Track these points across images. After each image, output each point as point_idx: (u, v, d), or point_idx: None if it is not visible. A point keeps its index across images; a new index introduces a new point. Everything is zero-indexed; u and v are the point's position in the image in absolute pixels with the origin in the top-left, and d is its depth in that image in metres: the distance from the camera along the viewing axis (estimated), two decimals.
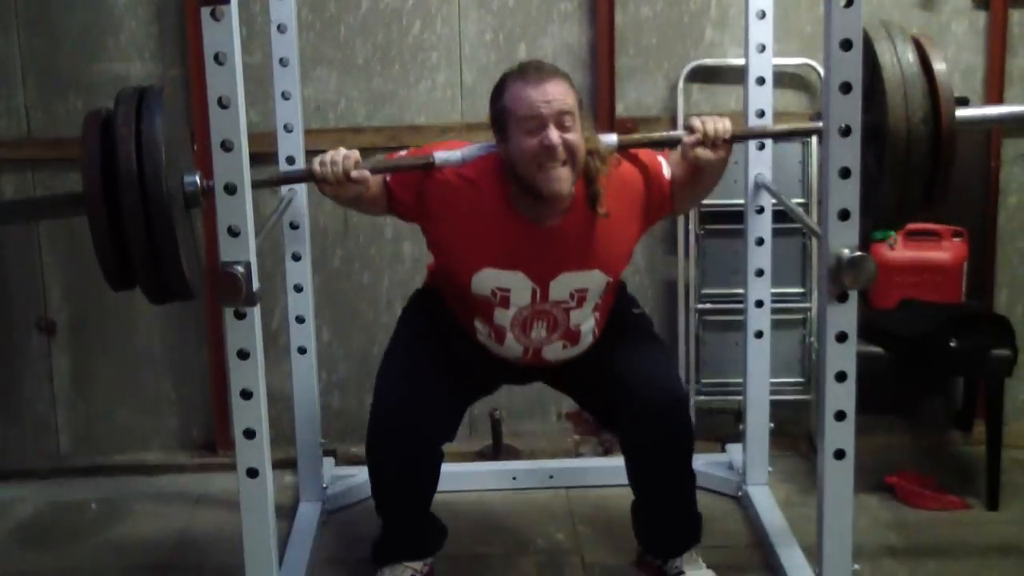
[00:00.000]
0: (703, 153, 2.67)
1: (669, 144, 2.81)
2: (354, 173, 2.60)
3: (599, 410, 3.14)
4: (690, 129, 2.69)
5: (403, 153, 2.90)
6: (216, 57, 2.19)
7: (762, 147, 3.24)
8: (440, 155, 2.73)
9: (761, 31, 3.17)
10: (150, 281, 2.34)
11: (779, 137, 3.30)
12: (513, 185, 2.68)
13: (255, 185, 2.39)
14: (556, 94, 2.57)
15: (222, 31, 2.19)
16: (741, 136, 2.85)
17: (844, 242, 2.33)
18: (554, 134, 2.54)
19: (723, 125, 2.67)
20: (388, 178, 2.78)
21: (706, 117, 2.69)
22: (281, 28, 3.15)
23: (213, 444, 4.00)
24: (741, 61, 3.30)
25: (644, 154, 2.84)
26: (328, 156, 2.61)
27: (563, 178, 2.59)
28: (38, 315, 3.96)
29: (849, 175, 2.29)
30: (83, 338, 4.00)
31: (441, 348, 2.92)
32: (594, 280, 2.78)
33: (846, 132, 2.28)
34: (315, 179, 2.63)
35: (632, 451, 2.99)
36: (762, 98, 3.22)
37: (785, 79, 3.81)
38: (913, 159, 2.41)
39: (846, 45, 2.24)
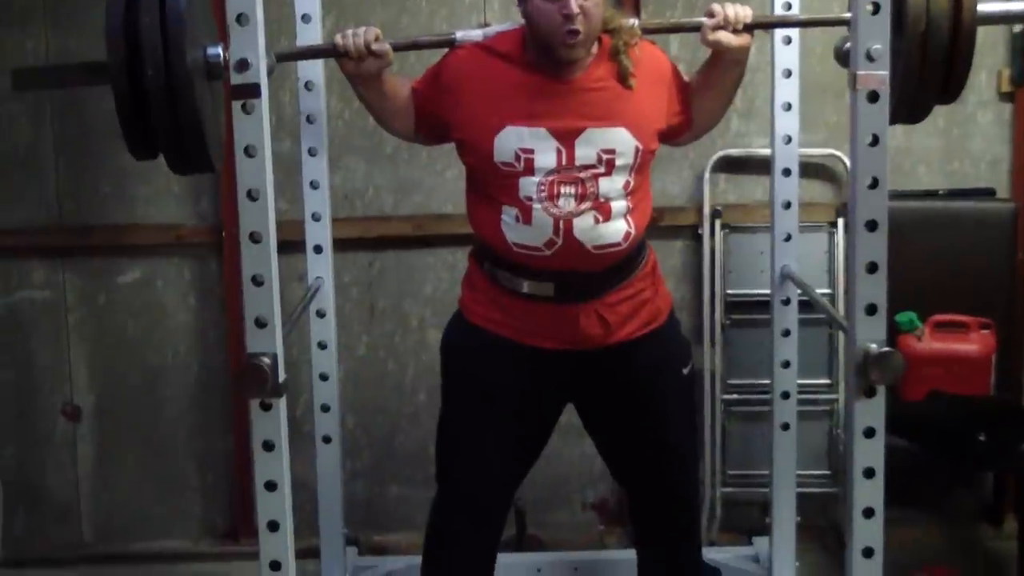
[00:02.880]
0: (724, 36, 2.65)
1: (689, 29, 2.78)
2: (375, 45, 2.62)
3: (615, 472, 3.11)
4: (710, 14, 2.67)
5: None
6: (247, 150, 2.20)
7: (788, 239, 3.23)
8: (461, 33, 2.76)
9: (787, 122, 3.18)
10: (172, 149, 2.30)
11: (801, 26, 3.16)
12: (532, 45, 2.64)
13: (280, 58, 2.57)
14: None
15: (253, 124, 2.19)
16: (763, 24, 2.83)
17: (871, 337, 2.30)
18: (573, 3, 2.50)
19: (744, 11, 2.66)
20: (414, 84, 2.80)
21: (726, 3, 2.68)
22: (310, 119, 3.17)
23: (235, 532, 3.99)
24: (767, 151, 3.31)
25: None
26: (350, 29, 2.65)
27: (579, 44, 2.56)
28: (63, 401, 3.97)
29: (876, 270, 2.28)
30: (108, 424, 4.01)
31: (490, 399, 2.82)
32: (621, 141, 2.64)
33: (872, 227, 2.27)
34: (337, 52, 2.66)
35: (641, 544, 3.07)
36: (788, 189, 3.22)
37: (811, 169, 3.83)
38: (932, 46, 2.38)
39: (873, 141, 2.24)
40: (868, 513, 2.38)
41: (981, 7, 2.42)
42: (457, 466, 2.85)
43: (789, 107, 3.17)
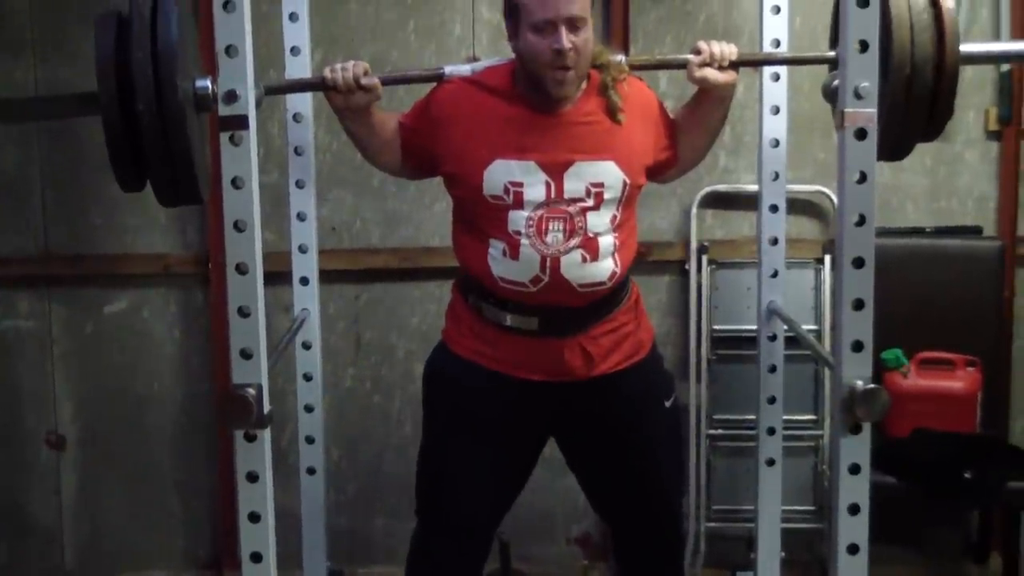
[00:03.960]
0: (711, 74, 2.68)
1: (676, 66, 2.80)
2: (364, 79, 2.63)
3: (598, 507, 3.11)
4: (696, 51, 2.70)
5: None
6: (234, 181, 2.20)
7: (775, 275, 3.23)
8: (450, 67, 2.76)
9: (775, 159, 3.18)
10: (162, 182, 2.29)
11: (785, 64, 3.12)
12: (522, 78, 2.65)
13: (268, 91, 2.56)
14: None
15: (240, 156, 2.19)
16: (748, 61, 2.85)
17: (857, 373, 2.30)
18: (564, 39, 2.52)
19: (729, 48, 2.69)
20: (401, 118, 2.80)
21: (712, 40, 2.71)
22: (298, 150, 3.17)
23: (219, 563, 3.97)
24: (755, 187, 3.32)
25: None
26: (339, 63, 2.66)
27: (569, 81, 2.58)
28: (48, 430, 3.96)
29: (862, 307, 2.28)
30: (92, 453, 3.99)
31: (473, 430, 2.81)
32: (609, 174, 2.65)
33: (859, 264, 2.28)
34: (325, 86, 2.66)
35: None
36: (775, 225, 3.22)
37: (798, 206, 3.84)
38: (916, 87, 2.41)
39: (861, 178, 2.25)
40: (852, 549, 2.37)
41: (964, 48, 2.44)
42: (441, 496, 2.84)
43: (777, 143, 3.17)
